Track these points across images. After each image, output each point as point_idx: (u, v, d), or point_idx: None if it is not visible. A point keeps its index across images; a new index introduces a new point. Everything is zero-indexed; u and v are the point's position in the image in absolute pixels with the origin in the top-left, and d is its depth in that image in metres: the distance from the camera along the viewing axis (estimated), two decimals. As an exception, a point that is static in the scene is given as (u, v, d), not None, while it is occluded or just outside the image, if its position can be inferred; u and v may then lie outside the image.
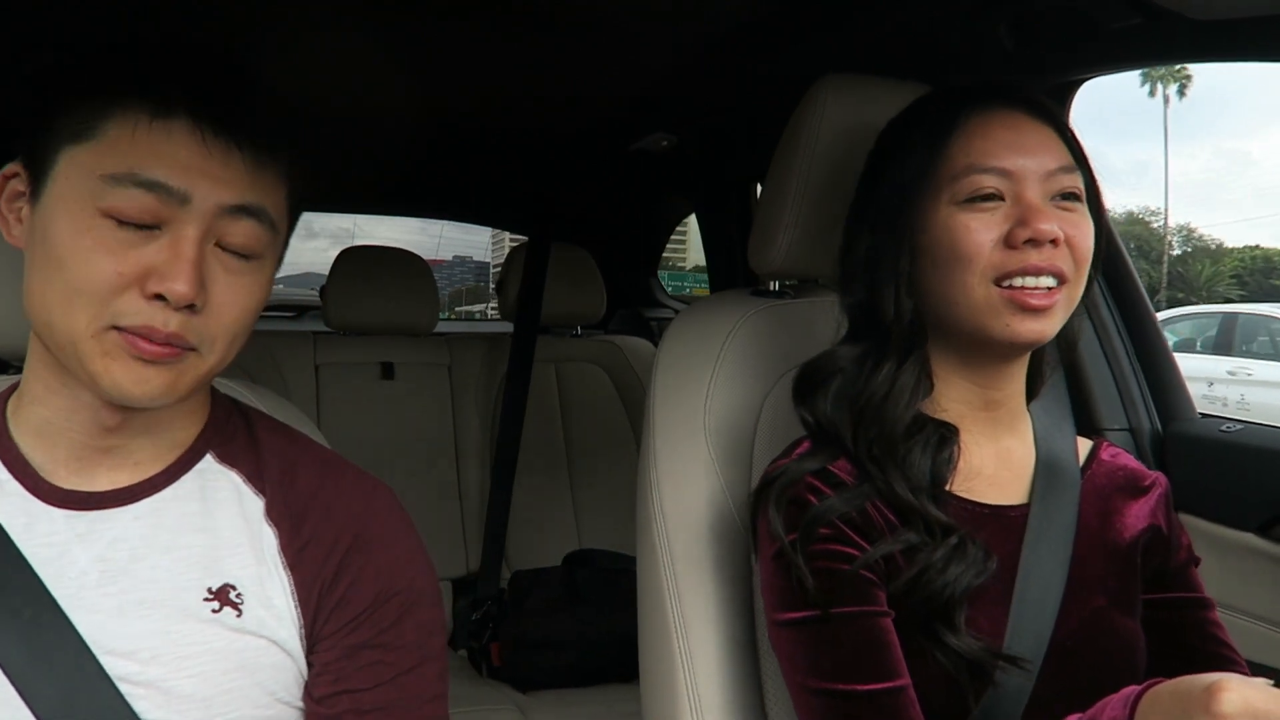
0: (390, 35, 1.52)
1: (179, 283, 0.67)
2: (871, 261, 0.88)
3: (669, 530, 1.02)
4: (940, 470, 0.84)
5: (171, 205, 0.67)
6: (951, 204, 0.83)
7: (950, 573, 0.79)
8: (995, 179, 0.82)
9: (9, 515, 0.73)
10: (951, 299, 0.84)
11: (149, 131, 0.68)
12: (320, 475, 0.81)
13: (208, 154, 0.68)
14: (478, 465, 2.23)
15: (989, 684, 0.79)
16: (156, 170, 0.67)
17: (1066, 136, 0.86)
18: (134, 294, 0.67)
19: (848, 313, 0.91)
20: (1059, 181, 0.83)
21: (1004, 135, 0.83)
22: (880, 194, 0.88)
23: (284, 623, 0.75)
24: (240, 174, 0.70)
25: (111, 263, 0.67)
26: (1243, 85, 70.83)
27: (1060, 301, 0.82)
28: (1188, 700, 0.61)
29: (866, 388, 0.86)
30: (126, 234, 0.67)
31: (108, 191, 0.67)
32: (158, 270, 0.67)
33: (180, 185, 0.67)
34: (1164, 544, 0.92)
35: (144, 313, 0.67)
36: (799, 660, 0.81)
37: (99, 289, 0.67)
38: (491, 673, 1.95)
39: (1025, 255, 0.80)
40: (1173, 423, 1.35)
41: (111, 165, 0.67)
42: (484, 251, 12.26)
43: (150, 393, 0.69)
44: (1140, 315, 1.40)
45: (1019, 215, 0.81)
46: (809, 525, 0.81)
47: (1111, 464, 0.95)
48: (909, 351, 0.86)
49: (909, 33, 1.35)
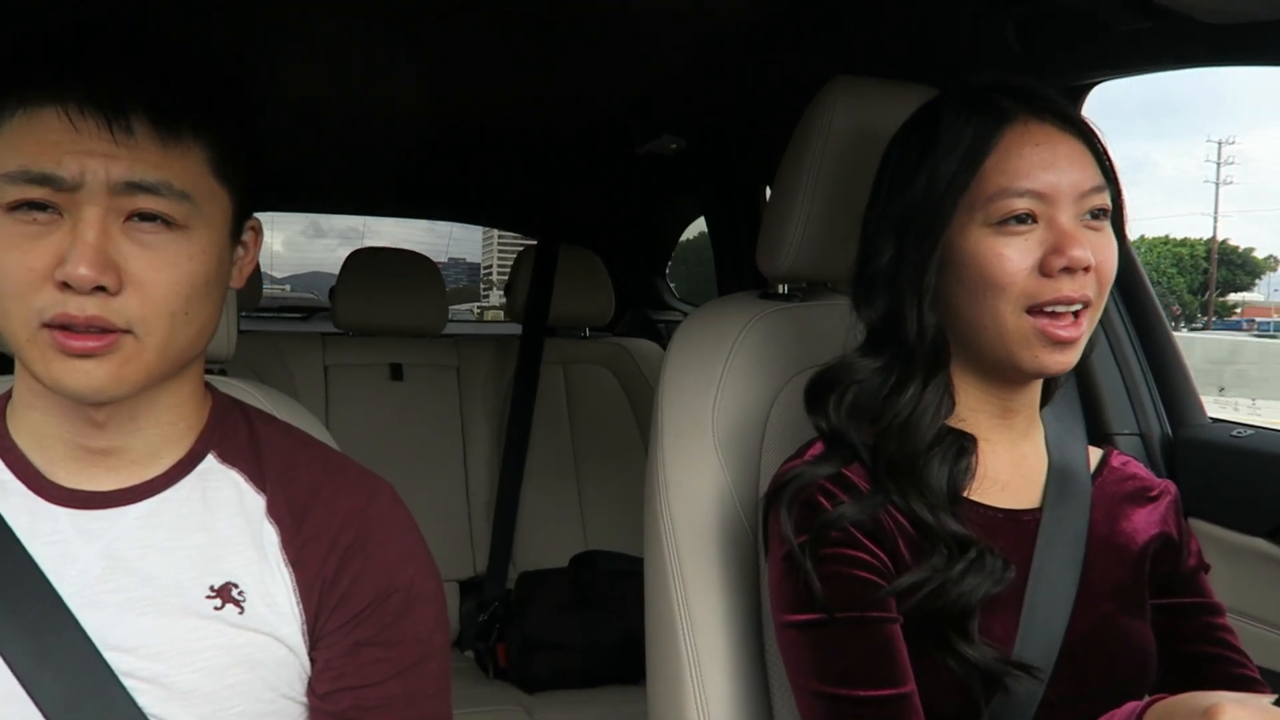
0: (397, 36, 1.53)
1: (80, 266, 0.65)
2: (894, 272, 0.85)
3: (676, 532, 1.02)
4: (958, 480, 0.84)
5: (65, 193, 0.66)
6: (985, 225, 0.81)
7: (967, 583, 0.78)
8: (1029, 201, 0.80)
9: (13, 514, 0.73)
10: (981, 324, 0.83)
11: (27, 125, 0.66)
12: (321, 473, 0.81)
13: (79, 134, 0.66)
14: (485, 467, 2.23)
15: (1000, 690, 0.79)
16: (42, 160, 0.65)
17: (1096, 150, 0.84)
18: (49, 286, 0.66)
19: (867, 324, 0.89)
20: (1090, 201, 0.82)
21: (1038, 154, 0.81)
22: (906, 203, 0.85)
23: (286, 619, 0.76)
24: (127, 148, 0.66)
25: (21, 259, 0.66)
26: (1239, 82, 70.98)
27: (1084, 330, 0.82)
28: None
29: (889, 407, 0.84)
30: (33, 228, 0.66)
31: (6, 190, 0.66)
32: (62, 258, 0.66)
33: (65, 172, 0.66)
34: (1174, 551, 0.92)
35: (58, 301, 0.66)
36: (804, 663, 0.81)
37: (17, 288, 0.66)
38: (498, 674, 1.96)
39: (1059, 284, 0.79)
40: (1183, 428, 1.35)
41: (6, 163, 0.66)
42: (476, 253, 12.51)
43: (95, 385, 0.68)
44: (1151, 320, 1.39)
45: (1053, 242, 0.80)
46: (820, 530, 0.81)
47: (1122, 472, 0.95)
48: (934, 370, 0.85)
49: (917, 35, 1.35)
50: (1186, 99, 70.44)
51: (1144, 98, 41.85)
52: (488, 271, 14.38)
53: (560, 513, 2.24)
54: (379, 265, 2.22)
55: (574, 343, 2.38)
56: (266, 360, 2.07)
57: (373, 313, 2.19)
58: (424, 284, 2.25)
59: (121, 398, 0.70)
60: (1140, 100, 59.24)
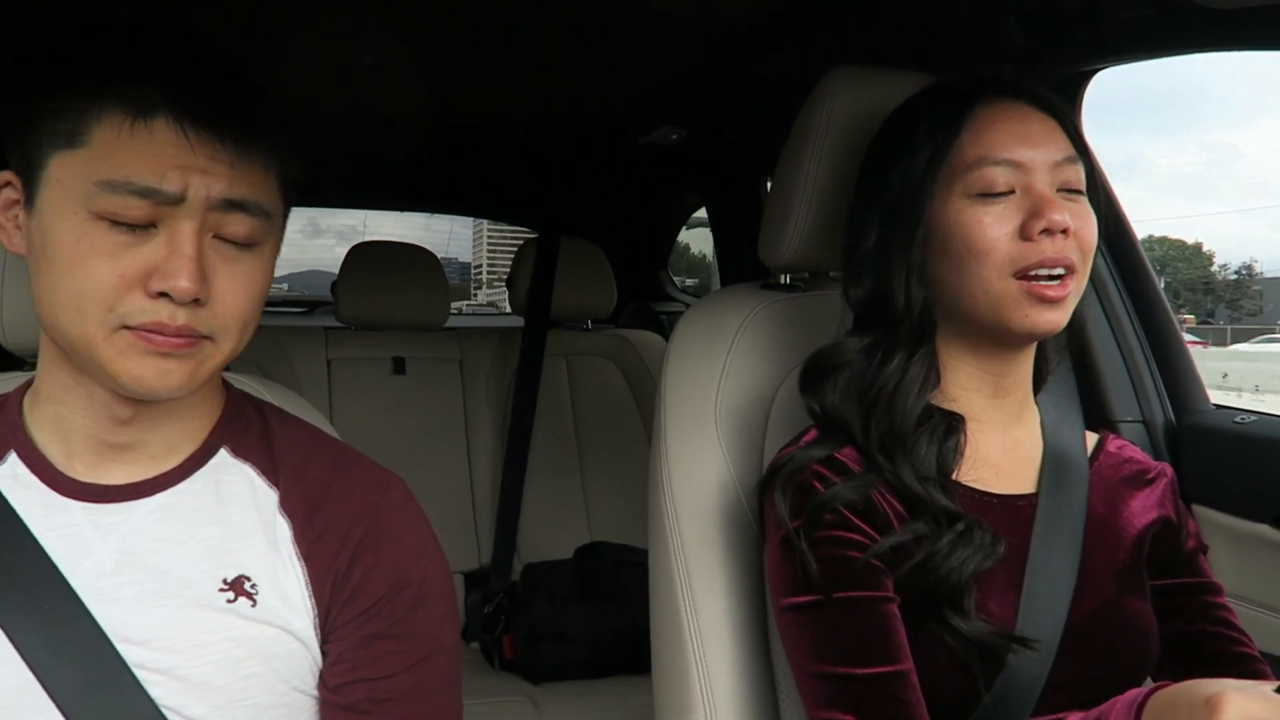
0: (397, 31, 1.53)
1: (181, 279, 0.67)
2: (881, 253, 0.88)
3: (680, 522, 1.02)
4: (946, 459, 0.85)
5: (164, 205, 0.68)
6: (963, 197, 0.84)
7: (956, 557, 0.80)
8: (1006, 171, 0.83)
9: (27, 507, 0.74)
10: (967, 292, 0.85)
11: (133, 135, 0.67)
12: (333, 468, 0.82)
13: (192, 151, 0.68)
14: (489, 459, 2.24)
15: (1000, 668, 0.79)
16: (147, 175, 0.67)
17: (1069, 128, 0.87)
18: (138, 294, 0.68)
19: (854, 305, 0.92)
20: (1063, 173, 0.84)
21: (1012, 128, 0.85)
22: (888, 185, 0.89)
23: (298, 613, 0.76)
24: (228, 167, 0.69)
25: (112, 266, 0.67)
26: (1230, 77, 70.99)
27: (1071, 291, 0.84)
28: (1189, 711, 0.62)
29: (876, 380, 0.87)
30: (123, 236, 0.68)
31: (100, 197, 0.67)
32: (159, 269, 0.67)
33: (171, 187, 0.67)
34: (1173, 532, 0.93)
35: (150, 311, 0.68)
36: (802, 645, 0.82)
37: (103, 293, 0.67)
38: (504, 665, 1.96)
39: (1041, 247, 0.82)
40: (1186, 414, 1.35)
41: (103, 172, 0.67)
42: (467, 252, 12.72)
43: (172, 384, 0.70)
44: (1153, 306, 1.39)
45: (1031, 207, 0.82)
46: (814, 511, 0.82)
47: (1118, 455, 0.96)
48: (919, 343, 0.87)
49: (919, 25, 1.35)
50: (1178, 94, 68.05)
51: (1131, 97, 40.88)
52: (478, 271, 14.44)
53: (564, 504, 2.24)
54: (381, 259, 2.22)
55: (576, 335, 2.38)
56: (269, 355, 2.07)
57: (375, 307, 2.19)
58: (426, 278, 2.25)
59: (182, 395, 0.73)
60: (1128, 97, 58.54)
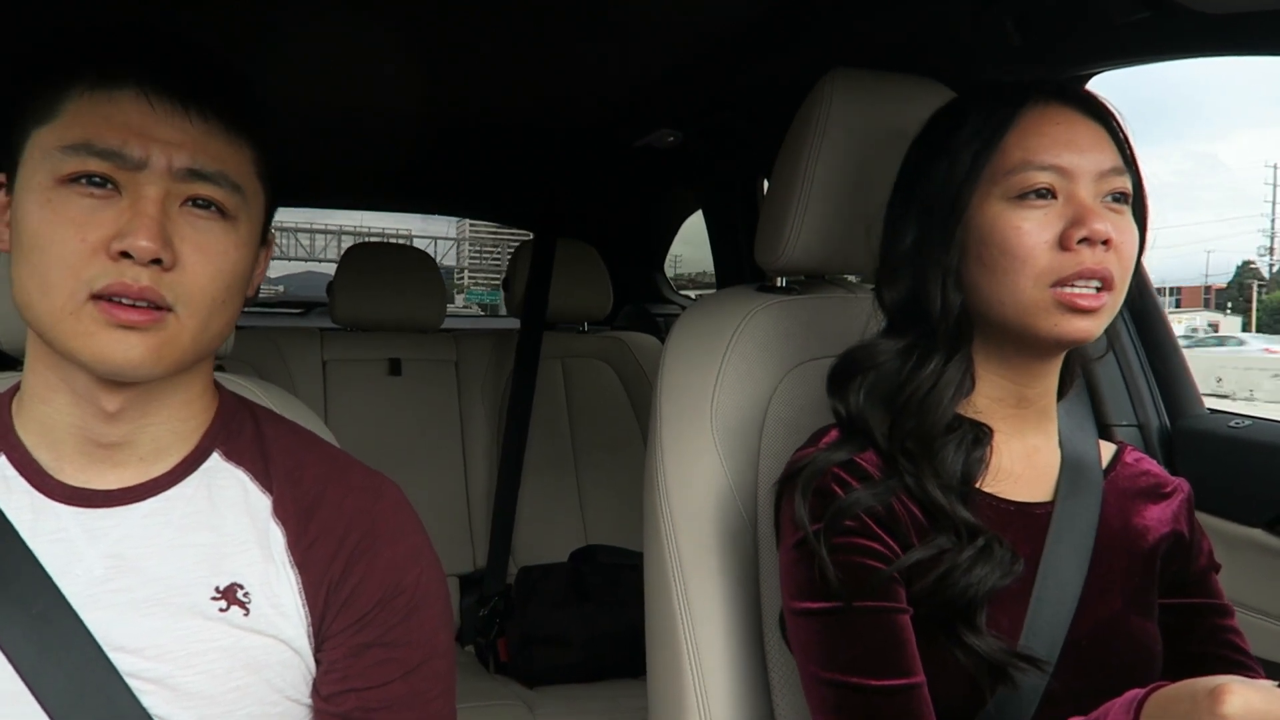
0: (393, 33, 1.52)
1: (140, 237, 0.67)
2: (918, 255, 0.86)
3: (676, 525, 1.02)
4: (971, 469, 0.84)
5: (127, 170, 0.68)
6: (1003, 200, 0.82)
7: (975, 574, 0.78)
8: (1049, 176, 0.81)
9: (16, 512, 0.73)
10: (999, 298, 0.82)
11: (99, 103, 0.69)
12: (327, 473, 0.81)
13: (157, 120, 0.69)
14: (485, 461, 2.23)
15: (1005, 681, 0.78)
16: (110, 138, 0.68)
17: (1118, 137, 0.84)
18: (101, 257, 0.68)
19: (888, 307, 0.89)
20: (1110, 182, 0.82)
21: (1058, 132, 0.82)
22: (929, 186, 0.86)
23: (291, 621, 0.75)
24: (193, 137, 0.70)
25: (76, 231, 0.67)
26: (1213, 88, 71.10)
27: (1107, 304, 0.81)
28: (1192, 704, 0.61)
29: (910, 382, 0.84)
30: (88, 202, 0.68)
31: (64, 161, 0.68)
32: (121, 231, 0.68)
33: (133, 153, 0.68)
34: (1185, 550, 0.91)
35: (113, 271, 0.67)
36: (814, 650, 0.81)
37: (69, 259, 0.67)
38: (499, 668, 1.96)
39: (1080, 257, 0.79)
40: (1181, 419, 1.35)
41: (69, 138, 0.68)
42: (451, 256, 12.73)
43: (136, 359, 0.69)
44: (1149, 311, 1.39)
45: (1072, 215, 0.80)
46: (834, 517, 0.81)
47: (1135, 468, 0.94)
48: (956, 347, 0.85)
49: (916, 27, 1.35)
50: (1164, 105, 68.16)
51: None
52: (460, 276, 14.45)
53: (559, 507, 2.24)
54: (377, 260, 2.22)
55: (572, 337, 2.38)
56: (265, 356, 2.07)
57: (371, 308, 2.19)
58: (422, 279, 2.24)
59: (152, 378, 0.72)
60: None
